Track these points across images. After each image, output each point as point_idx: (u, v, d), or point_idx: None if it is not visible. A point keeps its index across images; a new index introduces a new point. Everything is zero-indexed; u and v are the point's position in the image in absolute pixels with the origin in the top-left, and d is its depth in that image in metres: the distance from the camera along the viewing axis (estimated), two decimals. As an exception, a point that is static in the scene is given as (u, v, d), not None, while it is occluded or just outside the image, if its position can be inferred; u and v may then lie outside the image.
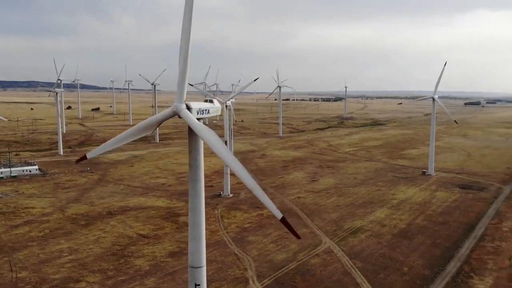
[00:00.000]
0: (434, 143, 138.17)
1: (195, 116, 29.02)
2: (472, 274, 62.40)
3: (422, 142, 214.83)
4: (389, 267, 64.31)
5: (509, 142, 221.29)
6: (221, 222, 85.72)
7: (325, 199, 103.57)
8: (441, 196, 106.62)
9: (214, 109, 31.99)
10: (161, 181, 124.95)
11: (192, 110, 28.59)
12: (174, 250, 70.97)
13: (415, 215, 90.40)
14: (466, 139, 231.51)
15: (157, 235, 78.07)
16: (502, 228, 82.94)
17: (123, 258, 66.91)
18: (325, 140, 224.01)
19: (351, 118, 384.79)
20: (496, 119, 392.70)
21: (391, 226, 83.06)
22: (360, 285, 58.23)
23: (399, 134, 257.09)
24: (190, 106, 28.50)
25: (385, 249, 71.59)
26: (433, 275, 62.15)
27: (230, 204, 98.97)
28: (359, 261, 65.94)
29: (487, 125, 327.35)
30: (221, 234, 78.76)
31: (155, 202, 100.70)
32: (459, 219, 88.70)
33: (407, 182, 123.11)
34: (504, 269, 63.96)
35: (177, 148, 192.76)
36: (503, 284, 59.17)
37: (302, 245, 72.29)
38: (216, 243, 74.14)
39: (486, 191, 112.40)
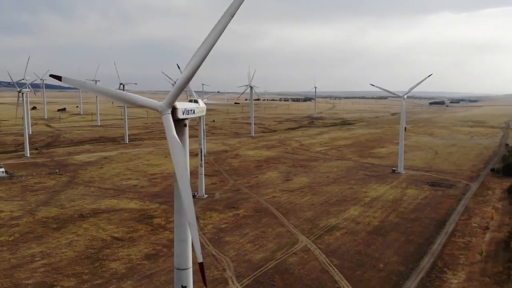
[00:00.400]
0: (403, 142, 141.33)
1: (180, 116, 28.64)
2: (445, 269, 64.19)
3: (390, 141, 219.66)
4: (365, 264, 65.39)
5: (474, 140, 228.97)
6: (197, 223, 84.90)
7: (299, 198, 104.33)
8: (412, 194, 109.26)
9: (199, 109, 31.66)
10: (132, 182, 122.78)
11: (177, 110, 28.21)
12: (150, 253, 69.90)
13: (387, 212, 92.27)
14: (433, 138, 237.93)
15: (132, 238, 76.69)
16: (471, 224, 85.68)
17: (98, 261, 65.39)
18: (297, 139, 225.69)
19: (321, 118, 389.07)
20: (460, 118, 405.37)
21: (365, 224, 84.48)
22: (338, 283, 58.95)
23: (367, 133, 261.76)
24: (175, 106, 28.10)
25: (360, 246, 72.75)
26: (408, 271, 63.57)
27: (205, 205, 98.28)
28: (336, 259, 66.77)
29: (452, 124, 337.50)
30: (197, 235, 77.99)
31: (127, 204, 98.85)
32: (430, 215, 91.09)
33: (378, 180, 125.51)
34: (475, 264, 66.09)
35: (148, 149, 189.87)
36: (475, 278, 61.12)
37: (279, 244, 72.60)
38: (193, 244, 73.36)
39: (454, 188, 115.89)
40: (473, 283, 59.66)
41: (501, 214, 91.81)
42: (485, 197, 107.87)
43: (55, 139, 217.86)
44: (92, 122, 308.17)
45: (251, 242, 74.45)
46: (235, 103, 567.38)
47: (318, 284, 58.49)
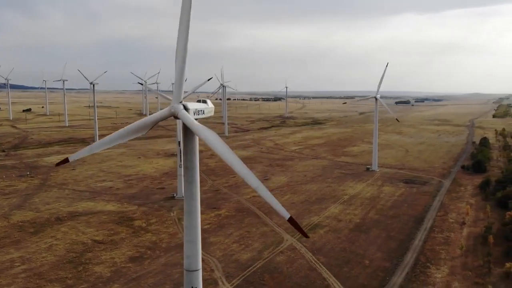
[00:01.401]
0: (377, 140, 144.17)
1: (192, 116, 28.24)
2: (428, 264, 65.91)
3: (361, 140, 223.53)
4: (351, 261, 66.34)
5: (442, 138, 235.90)
6: (179, 225, 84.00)
7: (279, 197, 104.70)
8: (388, 191, 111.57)
9: (209, 109, 31.34)
10: (107, 184, 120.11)
11: (189, 111, 27.81)
12: (134, 255, 68.64)
13: (367, 210, 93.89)
14: (402, 136, 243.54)
15: (113, 241, 75.05)
16: (448, 220, 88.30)
17: (81, 265, 63.67)
18: (271, 139, 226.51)
19: (292, 117, 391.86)
20: (426, 117, 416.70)
21: (347, 221, 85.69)
22: (326, 280, 59.56)
23: (338, 132, 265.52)
24: (187, 107, 27.71)
25: (344, 243, 73.75)
26: (393, 266, 64.91)
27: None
28: (322, 256, 67.44)
29: (418, 122, 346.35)
30: (181, 237, 77.11)
31: (105, 207, 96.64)
32: (408, 212, 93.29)
33: (354, 178, 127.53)
34: (456, 258, 68.16)
35: (120, 150, 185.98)
36: (458, 272, 63.05)
37: (265, 244, 72.69)
38: (178, 246, 72.58)
39: (428, 185, 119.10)
40: (456, 277, 61.52)
41: (475, 210, 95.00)
42: (458, 193, 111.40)
43: (22, 140, 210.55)
44: (60, 122, 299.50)
45: (237, 242, 74.22)
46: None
47: (308, 281, 58.93)
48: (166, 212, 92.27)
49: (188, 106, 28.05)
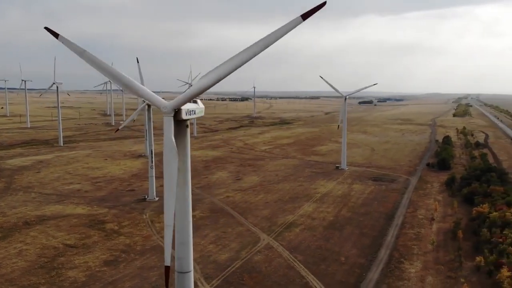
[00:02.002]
0: (346, 140, 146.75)
1: (184, 117, 27.86)
2: (402, 259, 67.63)
3: (328, 139, 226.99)
4: (328, 258, 67.26)
5: (406, 137, 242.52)
6: (153, 227, 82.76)
7: (253, 196, 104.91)
8: (358, 189, 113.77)
9: (199, 109, 30.97)
10: (75, 187, 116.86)
11: (181, 110, 27.43)
12: (109, 259, 67.08)
13: (339, 207, 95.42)
14: (367, 136, 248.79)
15: (86, 244, 73.12)
16: (418, 216, 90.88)
17: (53, 270, 61.71)
18: (240, 139, 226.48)
19: (260, 117, 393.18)
20: (389, 116, 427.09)
21: (321, 219, 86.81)
22: (305, 278, 60.15)
23: (306, 132, 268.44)
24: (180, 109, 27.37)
25: (320, 241, 74.68)
26: (368, 263, 66.25)
27: (157, 208, 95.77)
28: (299, 254, 68.04)
29: (382, 122, 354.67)
30: (155, 239, 76.09)
31: (74, 210, 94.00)
32: (379, 209, 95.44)
33: (325, 176, 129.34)
34: (428, 253, 70.26)
35: (85, 151, 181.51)
36: (431, 267, 65.00)
37: (242, 244, 72.63)
38: (153, 249, 71.51)
39: (396, 183, 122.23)
40: (429, 271, 63.42)
41: (443, 206, 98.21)
42: (425, 190, 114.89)
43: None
44: (21, 124, 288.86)
45: (213, 243, 73.80)
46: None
47: (287, 280, 59.33)
48: (138, 215, 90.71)
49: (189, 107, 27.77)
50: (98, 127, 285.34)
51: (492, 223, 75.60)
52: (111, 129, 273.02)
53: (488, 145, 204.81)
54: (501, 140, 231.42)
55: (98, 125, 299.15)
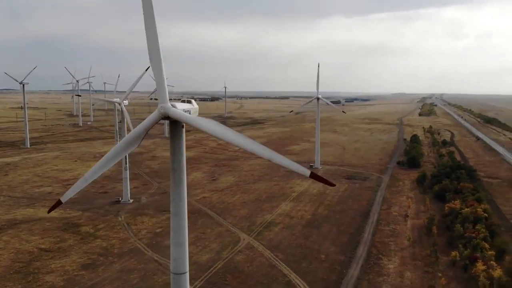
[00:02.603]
0: (319, 139, 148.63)
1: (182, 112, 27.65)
2: (380, 256, 69.07)
3: (301, 139, 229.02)
4: (308, 256, 67.93)
5: (375, 136, 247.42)
6: (129, 229, 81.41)
7: (230, 197, 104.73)
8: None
9: (194, 109, 30.85)
10: (46, 189, 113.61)
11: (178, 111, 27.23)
12: (86, 263, 65.59)
13: (316, 206, 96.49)
14: (338, 135, 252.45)
15: (61, 248, 71.23)
16: (392, 213, 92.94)
17: (30, 275, 59.86)
18: (213, 139, 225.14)
19: (232, 117, 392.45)
20: (357, 116, 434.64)
21: (299, 218, 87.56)
22: (287, 276, 60.58)
23: (279, 131, 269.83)
24: (175, 107, 27.11)
25: (299, 239, 75.33)
26: (348, 260, 67.32)
27: (133, 210, 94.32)
28: (280, 253, 68.44)
29: (351, 121, 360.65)
30: (133, 242, 74.88)
31: (46, 213, 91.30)
32: (354, 207, 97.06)
33: (299, 175, 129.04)
34: (405, 249, 72.01)
35: (53, 153, 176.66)
36: (408, 262, 66.68)
37: (222, 244, 72.42)
38: (131, 251, 70.38)
39: (369, 181, 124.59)
40: (407, 267, 65.03)
41: (416, 203, 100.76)
42: (398, 188, 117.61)
43: None
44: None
45: (193, 244, 73.16)
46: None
47: (270, 279, 59.58)
48: (114, 217, 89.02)
49: (177, 106, 27.48)
50: (65, 128, 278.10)
51: (465, 219, 78.14)
52: (79, 130, 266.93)
53: (454, 143, 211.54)
54: (466, 138, 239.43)
55: (65, 126, 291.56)
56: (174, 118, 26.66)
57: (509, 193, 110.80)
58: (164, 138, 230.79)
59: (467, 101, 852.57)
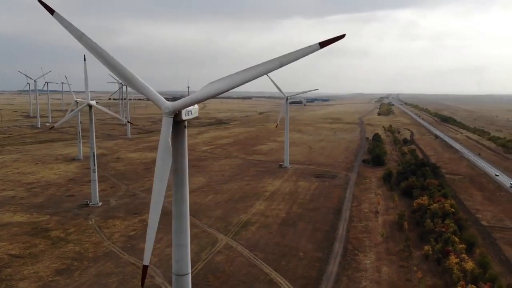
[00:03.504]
0: (288, 139, 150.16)
1: (184, 117, 27.27)
2: (356, 252, 70.65)
3: (267, 138, 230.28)
4: (287, 254, 68.56)
5: (338, 135, 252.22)
6: (102, 233, 79.39)
7: (203, 197, 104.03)
8: (304, 186, 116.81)
9: (195, 110, 30.38)
10: (9, 193, 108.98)
11: (181, 112, 26.85)
12: (60, 268, 63.52)
13: (289, 204, 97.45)
14: (303, 134, 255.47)
15: (33, 254, 68.63)
16: (363, 210, 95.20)
17: (2, 282, 57.39)
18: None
19: (196, 118, 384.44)
20: (319, 116, 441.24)
21: (274, 216, 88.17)
22: (268, 274, 60.95)
23: (244, 131, 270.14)
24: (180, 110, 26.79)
25: (276, 238, 75.90)
26: (326, 256, 68.47)
27: (103, 213, 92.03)
28: (259, 252, 68.72)
29: (314, 121, 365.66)
30: (107, 245, 73.10)
31: (12, 218, 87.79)
32: (326, 204, 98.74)
33: (270, 175, 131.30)
34: (379, 245, 73.98)
35: (12, 156, 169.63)
36: (383, 257, 68.55)
37: (200, 245, 71.89)
38: (106, 255, 68.71)
39: (337, 179, 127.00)
40: (383, 262, 66.85)
41: (384, 199, 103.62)
42: (365, 185, 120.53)
43: None
44: None
45: (170, 246, 71.50)
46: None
47: (252, 278, 59.74)
48: (84, 221, 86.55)
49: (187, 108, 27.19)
50: (23, 130, 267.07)
51: (434, 214, 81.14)
52: (38, 132, 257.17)
53: (414, 142, 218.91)
54: (425, 136, 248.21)
55: (22, 128, 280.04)
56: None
57: (471, 188, 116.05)
58: (127, 139, 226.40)
59: (422, 101, 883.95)
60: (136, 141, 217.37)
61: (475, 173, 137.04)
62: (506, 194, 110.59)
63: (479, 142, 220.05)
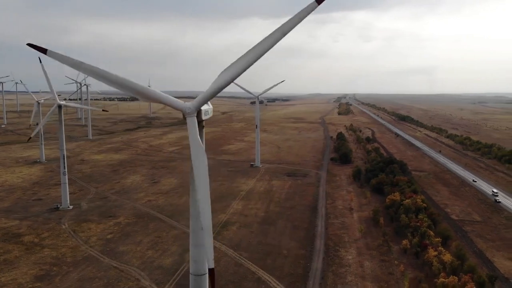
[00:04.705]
0: (259, 139, 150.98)
1: (203, 118, 27.22)
2: (337, 248, 72.22)
3: (234, 138, 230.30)
4: (271, 252, 69.19)
5: (303, 135, 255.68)
6: (78, 237, 77.14)
7: (177, 199, 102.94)
8: (278, 184, 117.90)
9: (210, 110, 30.27)
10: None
11: (201, 112, 26.84)
12: (39, 274, 61.38)
13: (266, 203, 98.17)
14: (268, 134, 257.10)
15: (8, 260, 65.93)
16: (338, 207, 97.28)
17: (-20, 293, 54.72)
18: (143, 140, 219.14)
19: (157, 117, 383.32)
20: (281, 116, 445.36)
21: (253, 216, 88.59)
22: (256, 273, 61.35)
23: (210, 131, 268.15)
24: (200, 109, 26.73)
25: (259, 237, 76.38)
26: (309, 253, 69.59)
27: (76, 217, 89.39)
28: (244, 252, 68.97)
29: (277, 121, 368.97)
30: (85, 249, 71.16)
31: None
32: (302, 202, 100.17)
33: (243, 174, 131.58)
34: (358, 240, 75.92)
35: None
36: (364, 252, 70.46)
37: (183, 246, 71.26)
38: (86, 259, 66.91)
39: (309, 177, 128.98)
40: (365, 257, 68.70)
41: (356, 196, 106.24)
42: (336, 182, 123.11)
43: None
44: None
45: (151, 248, 71.26)
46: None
47: (240, 277, 59.90)
48: (57, 225, 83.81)
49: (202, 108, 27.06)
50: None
51: (407, 209, 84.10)
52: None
53: (376, 140, 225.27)
54: (386, 135, 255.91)
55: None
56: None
57: (437, 184, 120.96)
58: (88, 140, 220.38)
59: (378, 100, 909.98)
60: (99, 143, 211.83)
61: (438, 170, 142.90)
62: (470, 189, 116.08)
63: (438, 140, 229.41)
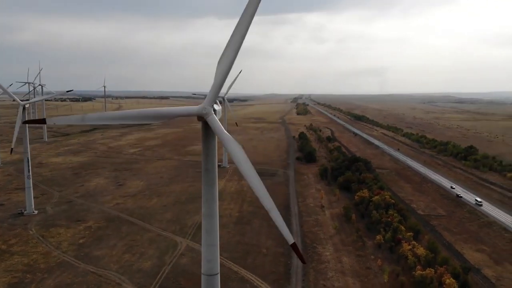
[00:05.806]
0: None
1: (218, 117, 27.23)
2: (315, 245, 73.60)
3: (196, 139, 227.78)
4: (251, 252, 69.57)
5: (266, 134, 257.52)
6: (48, 243, 74.34)
7: (147, 201, 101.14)
8: (248, 184, 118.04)
9: (220, 110, 30.18)
10: None
11: (217, 111, 26.86)
12: (13, 282, 58.87)
13: (239, 203, 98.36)
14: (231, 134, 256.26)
15: (-26, 270, 62.51)
16: (309, 205, 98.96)
17: (-50, 306, 51.71)
18: (101, 142, 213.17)
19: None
20: (241, 116, 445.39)
21: (228, 216, 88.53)
22: (238, 272, 61.59)
23: (171, 132, 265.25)
24: (215, 108, 26.71)
25: (236, 236, 76.52)
26: (287, 251, 70.42)
27: (42, 222, 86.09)
28: (224, 252, 68.66)
29: (238, 121, 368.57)
30: (57, 255, 68.71)
31: None
32: (274, 201, 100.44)
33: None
34: (333, 237, 77.66)
35: None
36: (340, 248, 72.20)
37: (160, 249, 70.29)
38: (60, 265, 64.67)
39: (277, 176, 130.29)
40: (342, 253, 70.40)
41: (325, 194, 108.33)
42: (305, 181, 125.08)
43: None
44: None
45: (127, 252, 69.73)
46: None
47: (223, 277, 59.21)
48: (23, 231, 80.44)
49: (215, 107, 27.00)
50: None
51: (377, 206, 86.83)
52: None
53: (336, 139, 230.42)
54: (345, 134, 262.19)
55: None
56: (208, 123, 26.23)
57: (399, 181, 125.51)
58: (44, 142, 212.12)
59: (333, 100, 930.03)
60: (55, 145, 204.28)
61: (399, 167, 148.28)
62: (432, 185, 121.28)
63: (395, 138, 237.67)
